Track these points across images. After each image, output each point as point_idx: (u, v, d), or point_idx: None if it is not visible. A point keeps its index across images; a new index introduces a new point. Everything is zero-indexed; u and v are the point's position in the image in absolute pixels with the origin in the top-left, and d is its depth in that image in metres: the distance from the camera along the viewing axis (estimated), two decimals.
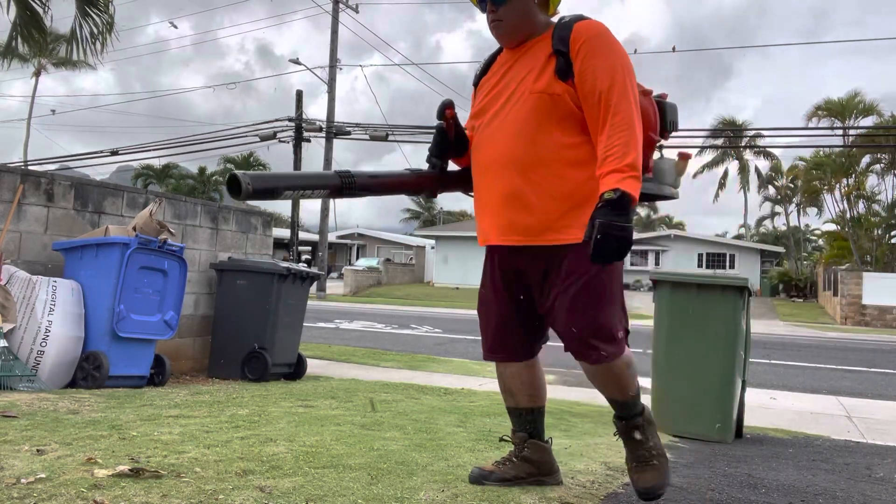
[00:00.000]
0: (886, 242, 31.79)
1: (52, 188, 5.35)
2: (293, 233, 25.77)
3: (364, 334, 12.82)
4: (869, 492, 2.95)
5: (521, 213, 2.19)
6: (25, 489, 1.98)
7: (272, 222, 7.70)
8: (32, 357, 4.58)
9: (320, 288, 26.46)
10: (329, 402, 4.51)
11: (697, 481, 2.87)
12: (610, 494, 2.51)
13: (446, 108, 2.31)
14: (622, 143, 2.03)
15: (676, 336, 4.40)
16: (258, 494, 2.08)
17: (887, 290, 24.65)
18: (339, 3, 26.49)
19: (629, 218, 1.98)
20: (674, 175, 2.46)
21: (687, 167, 2.50)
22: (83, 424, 3.10)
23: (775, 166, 43.74)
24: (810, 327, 21.92)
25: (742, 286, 4.31)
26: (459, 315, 20.14)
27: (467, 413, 4.43)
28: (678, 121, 2.45)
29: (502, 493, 2.32)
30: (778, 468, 3.40)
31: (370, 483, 2.32)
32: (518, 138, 2.19)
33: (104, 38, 8.98)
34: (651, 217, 62.07)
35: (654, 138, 2.34)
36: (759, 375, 8.64)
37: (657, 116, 2.35)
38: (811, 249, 57.35)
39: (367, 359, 8.35)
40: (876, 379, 9.39)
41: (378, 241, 52.12)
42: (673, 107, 2.44)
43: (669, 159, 2.46)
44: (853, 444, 4.54)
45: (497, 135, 2.25)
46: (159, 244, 5.10)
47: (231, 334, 6.19)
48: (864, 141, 28.37)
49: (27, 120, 38.65)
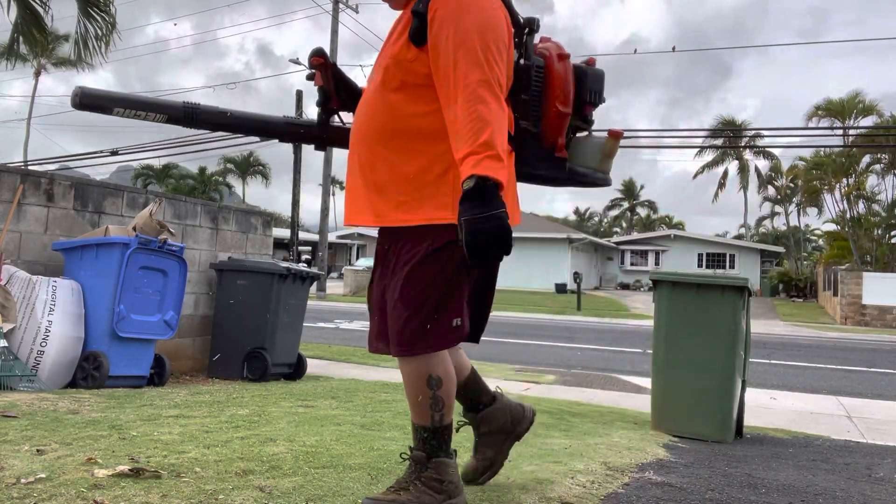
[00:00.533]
0: (886, 242, 31.79)
1: (52, 188, 5.35)
2: (293, 233, 25.77)
3: (364, 334, 12.77)
4: (869, 492, 2.95)
5: (371, 190, 1.94)
6: (25, 489, 1.98)
7: (272, 222, 7.70)
8: (32, 357, 4.58)
9: (320, 288, 26.46)
10: (329, 402, 4.51)
11: (697, 481, 2.87)
12: (610, 494, 2.51)
13: (313, 55, 2.14)
14: (474, 118, 1.73)
15: (676, 336, 4.40)
16: (258, 494, 2.08)
17: (887, 290, 24.65)
18: (339, 3, 26.49)
19: (495, 205, 1.69)
20: (598, 156, 2.12)
21: (618, 147, 2.15)
22: (83, 424, 3.10)
23: (775, 166, 43.77)
24: (810, 327, 21.92)
25: (742, 286, 4.32)
26: None
27: None
28: (603, 91, 2.11)
29: (502, 493, 2.32)
30: (778, 468, 3.40)
31: (370, 483, 2.32)
32: (369, 109, 1.99)
33: (107, 39, 9.00)
34: (651, 217, 62.09)
35: (562, 111, 2.04)
36: (759, 375, 8.64)
37: (572, 86, 2.05)
38: (811, 249, 57.39)
39: (367, 359, 8.35)
40: (876, 379, 9.39)
41: None
42: (595, 75, 2.11)
43: (594, 138, 2.15)
44: (853, 444, 4.54)
45: (361, 105, 2.06)
46: (159, 244, 5.10)
47: (231, 334, 6.19)
48: (864, 141, 28.37)
49: (27, 120, 38.68)
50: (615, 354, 11.08)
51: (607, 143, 2.12)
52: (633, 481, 2.76)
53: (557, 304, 26.78)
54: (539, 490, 2.41)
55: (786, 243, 47.20)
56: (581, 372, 8.58)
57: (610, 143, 2.12)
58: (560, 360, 9.90)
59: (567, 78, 2.04)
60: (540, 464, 2.89)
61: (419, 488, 1.96)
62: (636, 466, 3.08)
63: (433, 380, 1.93)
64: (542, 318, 21.08)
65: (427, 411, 1.95)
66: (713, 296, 4.32)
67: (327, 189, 27.55)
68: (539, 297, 29.09)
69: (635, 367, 9.34)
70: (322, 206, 27.18)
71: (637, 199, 60.79)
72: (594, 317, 22.45)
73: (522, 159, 2.05)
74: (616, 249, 40.02)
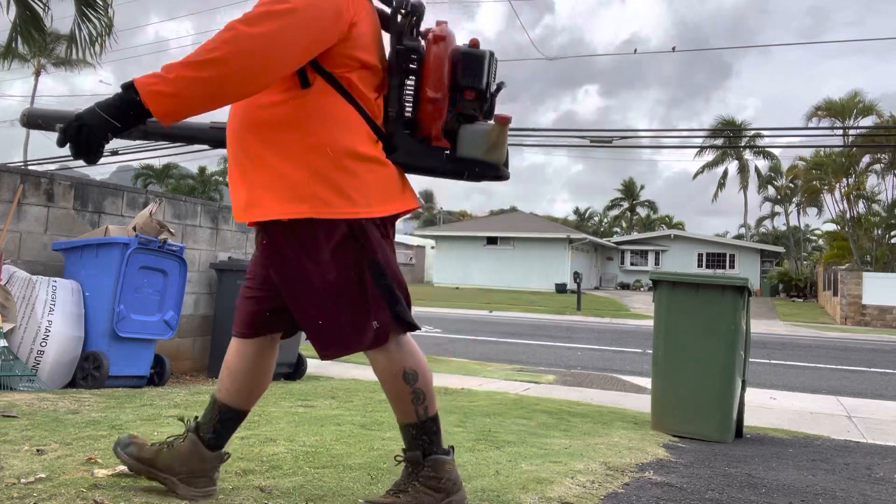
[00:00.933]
0: (886, 242, 31.79)
1: (52, 188, 5.35)
2: None
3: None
4: (869, 492, 2.95)
5: (239, 184, 1.90)
6: (25, 489, 1.98)
7: None
8: (32, 357, 4.58)
9: None
10: (329, 402, 4.51)
11: (697, 481, 2.87)
12: (610, 494, 2.51)
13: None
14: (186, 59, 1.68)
15: (676, 336, 4.40)
16: (258, 494, 2.08)
17: (887, 290, 24.65)
18: None
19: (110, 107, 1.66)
20: (483, 145, 1.95)
21: (506, 134, 1.97)
22: (83, 424, 3.10)
23: (775, 166, 43.80)
24: (810, 327, 21.92)
25: (742, 286, 4.32)
26: (459, 315, 20.15)
27: (467, 413, 4.42)
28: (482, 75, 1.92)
29: (502, 493, 2.32)
30: (778, 468, 3.40)
31: (370, 483, 2.32)
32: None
33: (102, 41, 9.00)
34: (651, 217, 62.10)
35: (431, 96, 1.90)
36: (759, 375, 8.64)
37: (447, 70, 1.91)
38: (811, 249, 57.40)
39: (366, 359, 8.33)
40: (876, 379, 9.39)
41: None
42: (471, 57, 1.93)
43: (480, 125, 1.97)
44: (853, 444, 4.54)
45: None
46: (159, 244, 5.10)
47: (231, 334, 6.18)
48: (864, 141, 28.37)
49: None
50: (615, 354, 11.08)
51: (493, 131, 1.95)
52: (633, 481, 2.76)
53: (557, 303, 26.79)
54: (539, 490, 2.41)
55: (786, 243, 47.21)
56: (581, 372, 8.58)
57: (496, 129, 1.95)
58: (560, 360, 9.89)
59: (440, 62, 1.91)
60: (540, 464, 2.89)
61: (417, 489, 1.94)
62: (636, 466, 3.08)
63: (407, 372, 1.92)
64: (541, 317, 21.08)
65: (410, 408, 1.93)
66: (713, 296, 4.33)
67: None
68: (539, 297, 29.10)
69: (635, 367, 9.34)
70: None
71: (637, 199, 60.77)
72: (594, 317, 22.45)
73: (395, 148, 1.94)
74: (616, 249, 40.03)
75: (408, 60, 1.92)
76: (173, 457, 2.02)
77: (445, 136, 1.97)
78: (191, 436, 2.04)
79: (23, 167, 15.00)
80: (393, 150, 1.94)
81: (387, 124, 1.94)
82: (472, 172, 1.97)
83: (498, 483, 2.46)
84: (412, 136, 1.95)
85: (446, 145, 1.96)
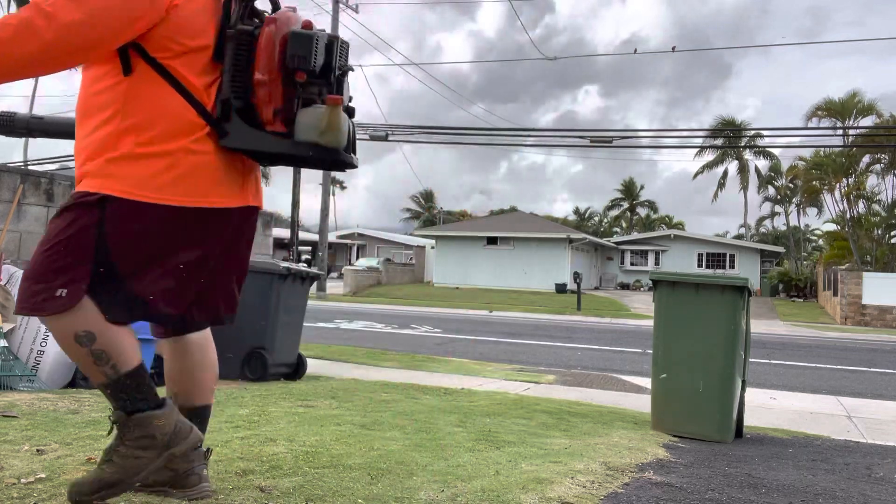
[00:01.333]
0: (886, 242, 31.78)
1: (51, 188, 5.35)
2: (293, 233, 25.77)
3: (364, 334, 12.81)
4: (869, 492, 2.95)
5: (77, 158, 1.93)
6: (25, 489, 1.98)
7: (272, 222, 7.70)
8: (32, 357, 4.58)
9: (320, 288, 26.46)
10: (329, 402, 4.51)
11: (697, 481, 2.87)
12: (610, 494, 2.51)
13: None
14: None
15: (676, 336, 4.40)
16: (258, 494, 2.08)
17: (887, 290, 24.65)
18: (339, 3, 26.49)
19: None
20: (317, 128, 1.89)
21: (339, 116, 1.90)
22: (83, 424, 3.11)
23: (775, 166, 43.81)
24: (810, 327, 21.92)
25: (742, 286, 4.32)
26: (459, 315, 20.15)
27: (467, 413, 4.42)
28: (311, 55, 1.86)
29: (502, 493, 2.32)
30: (778, 468, 3.40)
31: (370, 483, 2.32)
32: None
33: None
34: (651, 217, 62.13)
35: (259, 79, 1.87)
36: (759, 375, 8.64)
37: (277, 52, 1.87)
38: (811, 249, 57.42)
39: (367, 359, 8.35)
40: (876, 379, 9.39)
41: (378, 240, 52.15)
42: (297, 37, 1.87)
43: (313, 108, 1.91)
44: (853, 444, 4.54)
45: None
46: None
47: (231, 334, 6.18)
48: (864, 141, 28.38)
49: None
50: (615, 354, 11.08)
51: (325, 113, 1.89)
52: (633, 481, 2.76)
53: (557, 304, 26.79)
54: (539, 490, 2.41)
55: (786, 243, 47.23)
56: (581, 372, 8.57)
57: (328, 112, 1.88)
58: (560, 360, 9.89)
59: (268, 44, 1.87)
60: (540, 464, 2.89)
61: (125, 453, 1.89)
62: (636, 466, 3.08)
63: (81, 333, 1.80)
64: (541, 317, 21.08)
65: (95, 368, 1.84)
66: (713, 296, 4.33)
67: (327, 189, 27.56)
68: (539, 297, 29.09)
69: (635, 367, 9.34)
70: (322, 206, 27.20)
71: (637, 199, 60.81)
72: (594, 317, 22.45)
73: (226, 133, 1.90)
74: (616, 249, 40.03)
75: (238, 44, 1.90)
76: (164, 470, 2.00)
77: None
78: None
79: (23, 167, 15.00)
80: (224, 135, 1.90)
81: (219, 109, 1.90)
82: (308, 157, 1.93)
83: (498, 483, 2.46)
84: (249, 120, 1.91)
85: (281, 130, 1.91)
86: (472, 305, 25.30)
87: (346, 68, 1.97)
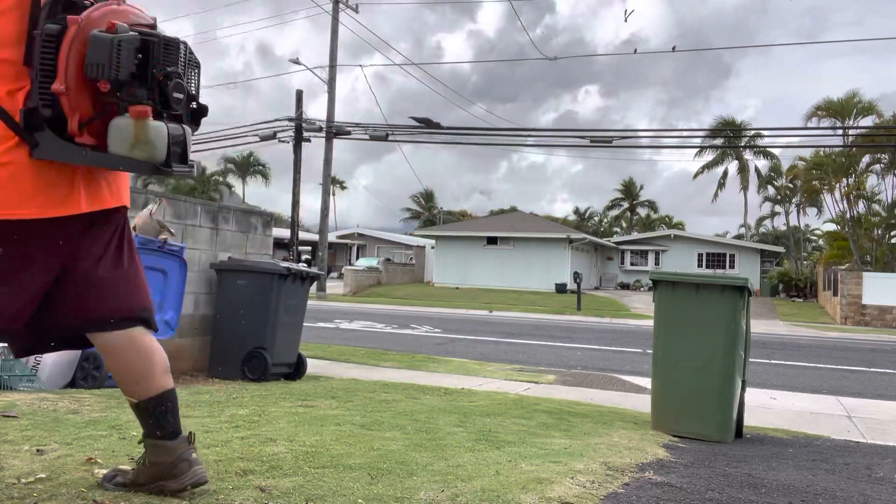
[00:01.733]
0: (886, 242, 31.78)
1: None
2: (293, 233, 25.77)
3: (364, 334, 12.82)
4: (869, 492, 2.95)
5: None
6: (25, 489, 1.98)
7: (272, 222, 7.70)
8: (32, 357, 4.58)
9: (320, 288, 26.46)
10: (329, 402, 4.51)
11: (697, 481, 2.87)
12: (610, 494, 2.51)
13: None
14: None
15: (676, 336, 4.40)
16: (258, 494, 2.08)
17: (887, 290, 24.65)
18: (339, 3, 26.49)
19: None
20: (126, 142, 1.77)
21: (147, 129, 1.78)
22: (83, 424, 3.11)
23: (775, 166, 43.79)
24: (810, 327, 21.92)
25: (742, 286, 4.32)
26: (459, 315, 20.15)
27: (467, 413, 4.42)
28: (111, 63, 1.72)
29: (502, 493, 2.32)
30: (778, 468, 3.40)
31: (370, 483, 2.32)
32: None
33: None
34: (651, 217, 62.12)
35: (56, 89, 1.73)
36: (759, 375, 8.64)
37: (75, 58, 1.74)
38: (811, 249, 57.42)
39: (367, 359, 8.35)
40: (876, 379, 9.39)
41: (378, 240, 52.15)
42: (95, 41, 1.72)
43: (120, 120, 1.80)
44: (853, 444, 4.54)
45: None
46: (160, 244, 5.10)
47: (231, 334, 6.19)
48: (864, 141, 28.37)
49: None
50: (615, 354, 11.08)
51: (132, 127, 1.76)
52: (633, 481, 2.76)
53: (557, 303, 26.79)
54: (539, 490, 2.41)
55: (786, 243, 47.21)
56: (581, 372, 8.57)
57: (133, 125, 1.76)
58: (560, 360, 9.89)
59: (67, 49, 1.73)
60: (540, 464, 2.90)
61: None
62: (636, 466, 3.08)
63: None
64: (541, 318, 21.08)
65: None
66: (713, 296, 4.33)
67: (327, 189, 27.55)
68: (539, 297, 29.09)
69: (635, 367, 9.34)
70: (322, 206, 27.19)
71: (637, 199, 60.78)
72: (594, 317, 22.45)
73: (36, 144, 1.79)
74: (616, 249, 40.02)
75: (43, 48, 1.75)
76: (150, 467, 2.02)
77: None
78: (147, 441, 2.03)
79: None
80: (35, 146, 1.79)
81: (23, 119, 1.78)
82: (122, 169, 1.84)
83: (498, 483, 2.46)
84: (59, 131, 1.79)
85: (90, 142, 1.80)
86: (472, 305, 25.30)
87: (173, 72, 1.83)
